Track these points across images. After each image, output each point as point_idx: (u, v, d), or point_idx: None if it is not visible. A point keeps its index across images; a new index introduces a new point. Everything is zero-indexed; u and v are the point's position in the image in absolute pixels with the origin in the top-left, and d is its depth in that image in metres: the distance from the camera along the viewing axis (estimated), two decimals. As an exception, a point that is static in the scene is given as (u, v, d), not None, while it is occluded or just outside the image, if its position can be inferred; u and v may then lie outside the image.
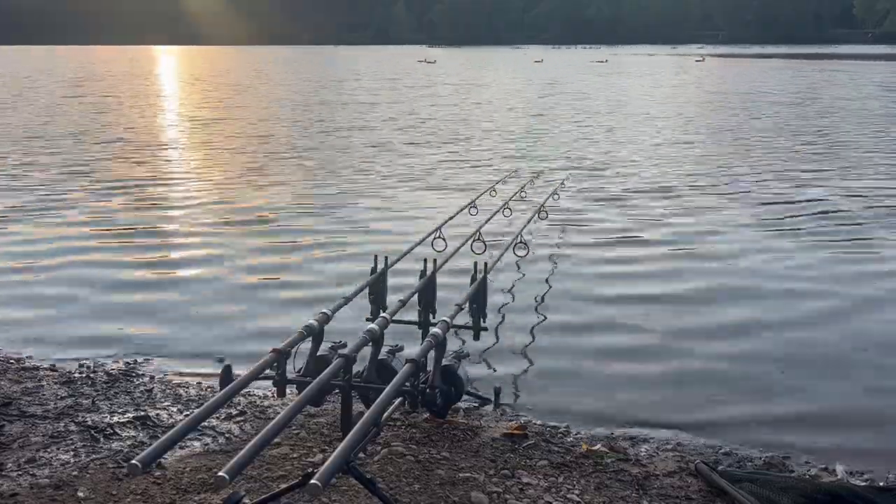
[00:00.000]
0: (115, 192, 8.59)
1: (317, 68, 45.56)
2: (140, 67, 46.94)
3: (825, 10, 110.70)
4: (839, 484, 2.81)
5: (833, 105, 19.34)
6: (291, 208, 7.78)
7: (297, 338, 2.74)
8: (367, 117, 16.93)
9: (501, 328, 4.43)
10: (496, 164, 10.48)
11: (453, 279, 4.49)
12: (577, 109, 18.76)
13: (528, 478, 2.81)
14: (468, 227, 5.00)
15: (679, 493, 2.76)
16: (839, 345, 4.30)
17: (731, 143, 12.44)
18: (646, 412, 3.48)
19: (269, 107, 19.85)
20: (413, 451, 2.96)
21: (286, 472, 2.78)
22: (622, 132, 14.11)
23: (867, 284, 5.31)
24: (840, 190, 8.51)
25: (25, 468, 2.86)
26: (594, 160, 10.79)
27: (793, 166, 10.12)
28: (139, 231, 6.87)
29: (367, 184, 9.08)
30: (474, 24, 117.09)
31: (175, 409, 3.41)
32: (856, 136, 13.23)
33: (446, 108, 19.07)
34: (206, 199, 8.21)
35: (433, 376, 2.81)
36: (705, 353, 4.17)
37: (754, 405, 3.58)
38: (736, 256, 5.96)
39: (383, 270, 3.66)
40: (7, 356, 4.07)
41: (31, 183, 9.11)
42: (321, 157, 11.10)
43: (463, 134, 13.93)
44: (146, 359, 4.05)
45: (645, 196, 8.27)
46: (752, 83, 28.61)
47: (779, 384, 3.80)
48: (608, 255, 6.02)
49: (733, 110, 18.21)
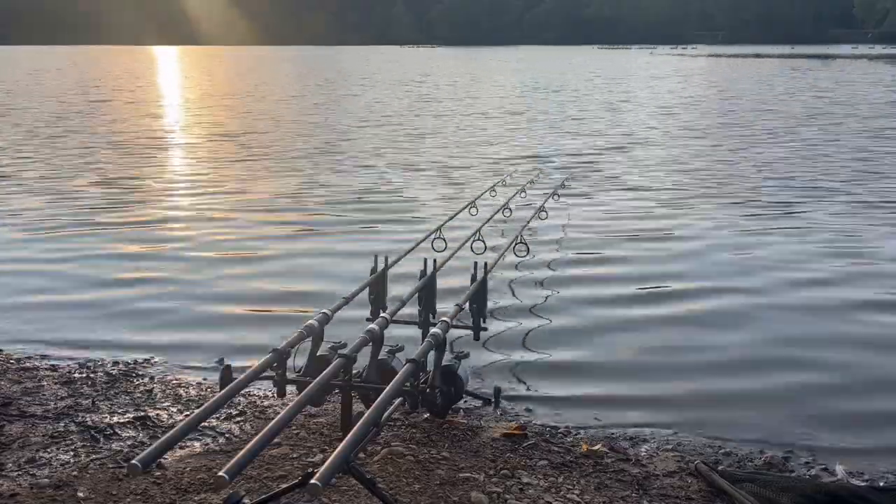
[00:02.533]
0: (116, 193, 8.59)
1: (318, 68, 45.55)
2: (157, 69, 46.92)
3: (825, 10, 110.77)
4: (839, 484, 2.81)
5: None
6: (291, 208, 7.78)
7: (297, 338, 2.75)
8: (367, 117, 16.92)
9: (501, 328, 4.42)
10: (496, 164, 10.48)
11: (453, 279, 4.49)
12: (577, 110, 18.76)
13: (528, 478, 2.81)
14: (468, 227, 5.00)
15: (679, 493, 2.76)
16: (839, 344, 4.30)
17: (735, 143, 12.42)
18: (646, 412, 3.48)
19: (270, 107, 19.85)
20: (413, 451, 2.96)
21: (286, 472, 2.78)
22: (622, 132, 14.10)
23: (867, 285, 5.33)
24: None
25: (25, 468, 2.86)
26: (595, 160, 10.79)
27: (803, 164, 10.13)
28: (139, 231, 6.87)
29: (367, 183, 9.08)
30: (474, 24, 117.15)
31: (175, 409, 3.41)
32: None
33: (446, 109, 19.06)
34: (207, 199, 8.21)
35: (433, 376, 2.81)
36: (705, 353, 4.17)
37: (754, 405, 3.57)
38: (736, 256, 5.96)
39: (383, 270, 3.66)
40: (7, 356, 4.07)
41: (30, 182, 9.12)
42: (321, 157, 11.10)
43: (463, 134, 13.92)
44: (146, 359, 4.05)
45: (645, 196, 8.27)
46: (756, 83, 28.61)
47: (778, 384, 3.80)
48: (608, 256, 6.02)
49: (741, 110, 18.20)
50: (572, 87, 27.04)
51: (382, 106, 19.80)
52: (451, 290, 4.20)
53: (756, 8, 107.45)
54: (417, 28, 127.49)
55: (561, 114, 17.75)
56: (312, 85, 29.57)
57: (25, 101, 21.33)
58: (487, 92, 25.34)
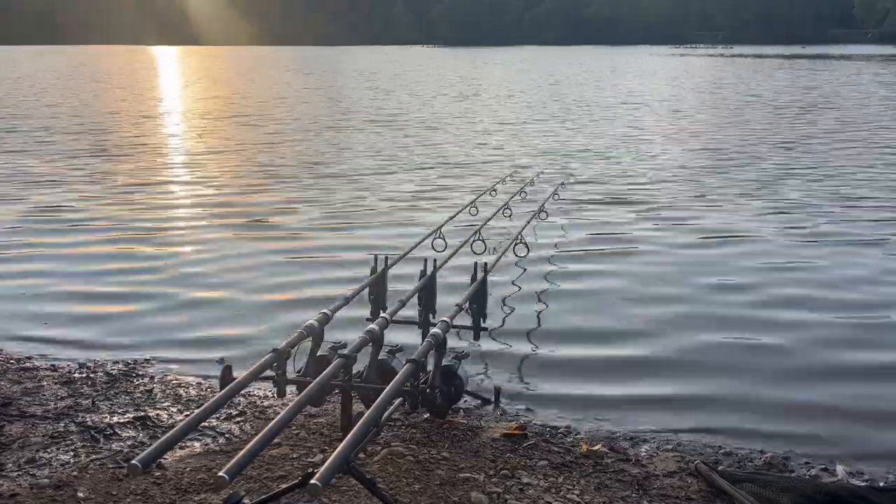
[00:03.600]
0: (116, 192, 8.59)
1: (319, 69, 45.55)
2: (163, 69, 46.93)
3: (825, 10, 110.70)
4: (839, 484, 2.81)
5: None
6: (291, 208, 7.78)
7: (297, 338, 2.75)
8: (367, 117, 16.92)
9: (501, 328, 4.43)
10: (496, 164, 10.48)
11: (453, 279, 4.50)
12: (577, 110, 18.76)
13: (528, 478, 2.81)
14: (468, 227, 5.00)
15: (679, 493, 2.76)
16: (838, 344, 4.30)
17: (736, 142, 12.42)
18: (646, 412, 3.48)
19: (270, 107, 19.85)
20: (413, 451, 2.96)
21: (286, 472, 2.78)
22: (623, 132, 14.10)
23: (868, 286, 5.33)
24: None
25: (25, 468, 2.86)
26: (595, 160, 10.78)
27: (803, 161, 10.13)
28: (140, 231, 6.87)
29: (366, 183, 9.08)
30: (474, 24, 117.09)
31: (175, 409, 3.41)
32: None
33: (446, 109, 19.06)
34: (207, 199, 8.21)
35: (433, 376, 2.81)
36: (705, 353, 4.16)
37: (755, 405, 3.57)
38: (737, 256, 5.96)
39: (383, 270, 3.66)
40: (7, 356, 4.07)
41: (33, 181, 9.12)
42: (320, 157, 11.10)
43: (463, 134, 13.92)
44: (146, 359, 4.05)
45: (646, 196, 8.27)
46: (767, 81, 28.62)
47: (778, 384, 3.80)
48: (608, 255, 6.02)
49: (737, 109, 18.21)
50: (573, 87, 27.04)
51: (383, 105, 19.80)
52: (451, 290, 4.20)
53: (756, 8, 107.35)
54: (417, 28, 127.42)
55: (561, 114, 17.75)
56: (313, 85, 29.57)
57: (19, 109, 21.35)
58: (488, 92, 25.34)
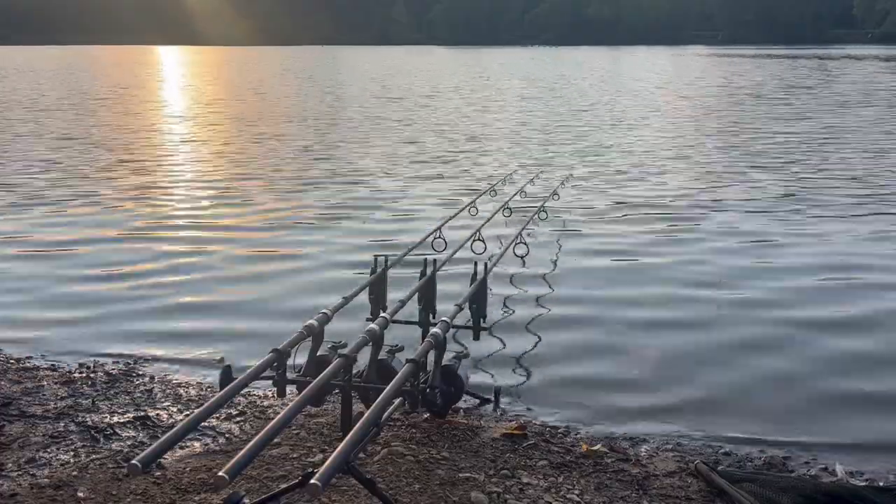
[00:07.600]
0: (117, 192, 8.59)
1: (319, 69, 45.54)
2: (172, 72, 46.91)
3: (825, 10, 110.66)
4: (839, 484, 2.81)
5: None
6: (291, 208, 7.78)
7: (297, 338, 2.75)
8: (367, 117, 16.92)
9: (501, 328, 4.42)
10: (496, 164, 10.48)
11: (453, 279, 4.50)
12: (577, 109, 18.76)
13: (528, 478, 2.81)
14: (468, 227, 5.00)
15: (679, 493, 2.76)
16: (838, 343, 4.30)
17: (736, 142, 12.42)
18: (646, 412, 3.48)
19: (270, 106, 19.85)
20: (413, 451, 2.96)
21: (286, 472, 2.78)
22: (623, 132, 14.10)
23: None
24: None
25: (25, 468, 2.86)
26: (595, 160, 10.78)
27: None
28: (140, 230, 6.88)
29: (366, 183, 9.08)
30: (474, 24, 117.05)
31: (175, 409, 3.41)
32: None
33: (446, 109, 19.06)
34: (207, 199, 8.21)
35: (433, 376, 2.81)
36: (705, 353, 4.16)
37: (755, 405, 3.58)
38: (737, 256, 5.96)
39: (383, 270, 3.66)
40: (7, 356, 4.07)
41: (34, 180, 9.12)
42: (320, 157, 11.10)
43: (463, 134, 13.92)
44: (146, 359, 4.05)
45: (646, 196, 8.27)
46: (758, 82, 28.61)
47: (778, 384, 3.80)
48: (608, 255, 6.02)
49: (741, 108, 18.20)
50: (573, 87, 27.03)
51: (382, 105, 19.80)
52: (451, 290, 4.20)
53: (756, 8, 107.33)
54: (417, 28, 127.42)
55: (561, 113, 17.75)
56: (313, 84, 29.56)
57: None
58: (487, 92, 25.33)
